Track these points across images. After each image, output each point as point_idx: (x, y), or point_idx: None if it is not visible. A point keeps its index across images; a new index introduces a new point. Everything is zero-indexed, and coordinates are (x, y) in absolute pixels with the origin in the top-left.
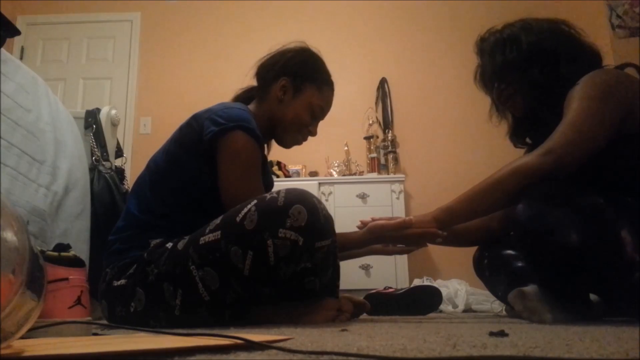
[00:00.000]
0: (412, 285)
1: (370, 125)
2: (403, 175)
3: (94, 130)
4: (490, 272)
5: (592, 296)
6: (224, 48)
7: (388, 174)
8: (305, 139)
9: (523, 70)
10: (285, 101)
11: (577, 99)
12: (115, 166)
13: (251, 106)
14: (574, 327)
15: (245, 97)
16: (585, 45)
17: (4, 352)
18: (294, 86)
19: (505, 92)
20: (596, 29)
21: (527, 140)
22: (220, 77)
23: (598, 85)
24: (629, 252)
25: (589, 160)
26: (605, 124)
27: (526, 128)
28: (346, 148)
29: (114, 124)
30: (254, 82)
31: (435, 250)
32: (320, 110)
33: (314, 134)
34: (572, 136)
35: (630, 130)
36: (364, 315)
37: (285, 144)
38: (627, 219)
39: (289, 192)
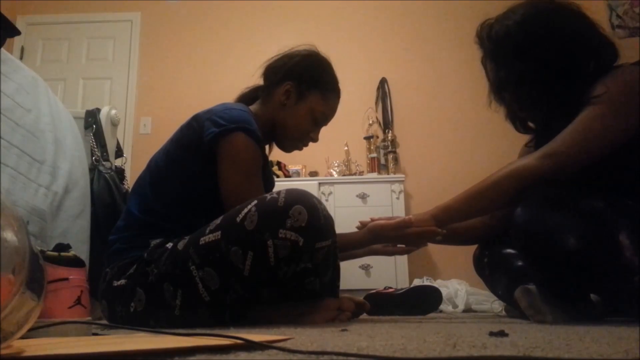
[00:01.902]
0: (412, 285)
1: (370, 125)
2: (403, 175)
3: (94, 130)
4: (491, 270)
5: (592, 296)
6: (224, 48)
7: (388, 174)
8: (306, 145)
9: (542, 81)
10: (288, 106)
11: (593, 102)
12: (115, 166)
13: (255, 106)
14: (574, 327)
15: (250, 96)
16: (604, 40)
17: (4, 352)
18: (297, 91)
19: (521, 102)
20: None
21: (530, 124)
22: (220, 77)
23: (620, 88)
24: (629, 255)
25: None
26: (619, 130)
27: (536, 121)
28: (346, 148)
29: (114, 124)
30: (261, 81)
31: (435, 250)
32: (323, 117)
33: (315, 140)
34: (577, 141)
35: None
36: (364, 315)
37: (285, 148)
38: (627, 222)
39: (289, 192)
